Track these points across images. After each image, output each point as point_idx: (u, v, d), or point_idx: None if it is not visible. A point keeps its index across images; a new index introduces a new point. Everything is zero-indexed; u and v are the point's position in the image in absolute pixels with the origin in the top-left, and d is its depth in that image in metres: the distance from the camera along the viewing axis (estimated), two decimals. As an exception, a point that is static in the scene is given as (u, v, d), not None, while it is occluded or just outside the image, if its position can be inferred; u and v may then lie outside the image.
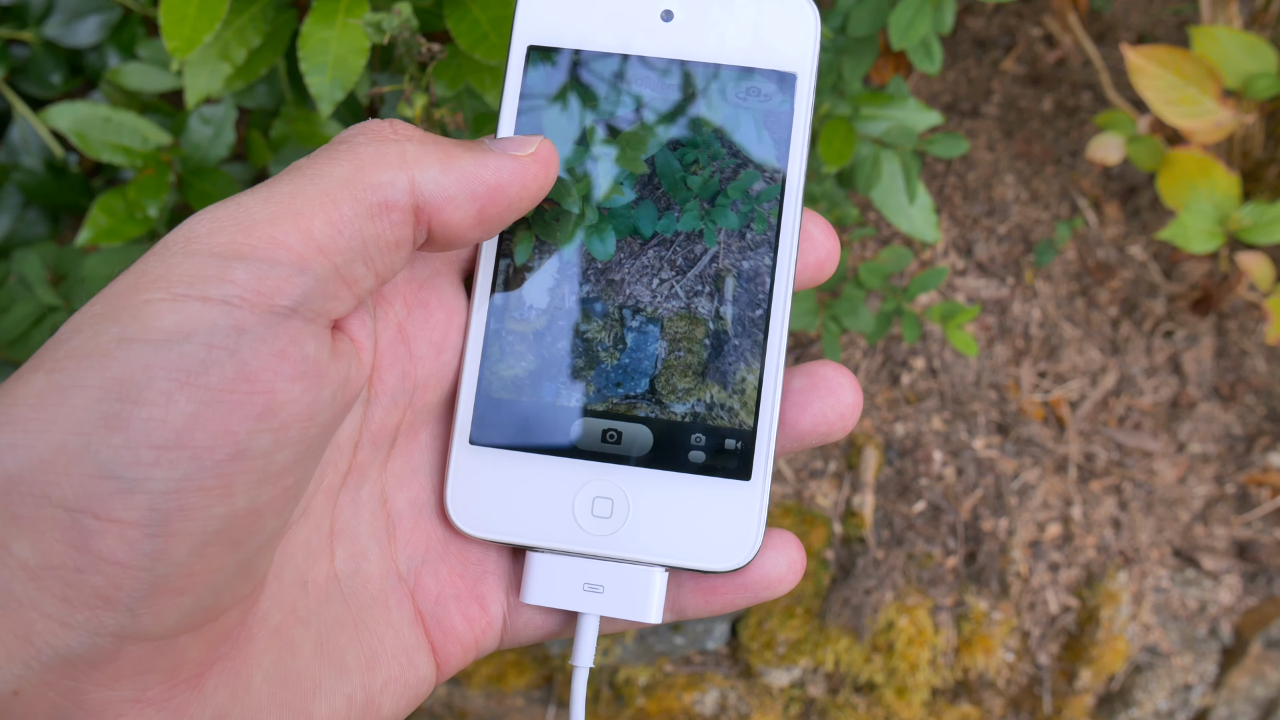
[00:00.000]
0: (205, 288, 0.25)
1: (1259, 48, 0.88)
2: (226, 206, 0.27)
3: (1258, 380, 1.09)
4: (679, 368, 0.35)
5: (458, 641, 0.34)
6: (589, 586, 0.35)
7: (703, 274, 0.35)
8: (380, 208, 0.28)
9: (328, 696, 0.31)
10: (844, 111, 0.70)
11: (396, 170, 0.28)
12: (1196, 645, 1.04)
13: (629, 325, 0.35)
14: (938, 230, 0.76)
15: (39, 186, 0.88)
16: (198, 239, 0.26)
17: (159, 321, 0.25)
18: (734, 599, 0.35)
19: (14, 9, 0.89)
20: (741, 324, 0.35)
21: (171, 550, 0.25)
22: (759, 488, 0.35)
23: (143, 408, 0.24)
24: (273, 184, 0.28)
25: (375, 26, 0.58)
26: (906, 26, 0.65)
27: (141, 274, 0.26)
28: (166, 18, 0.57)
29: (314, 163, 0.28)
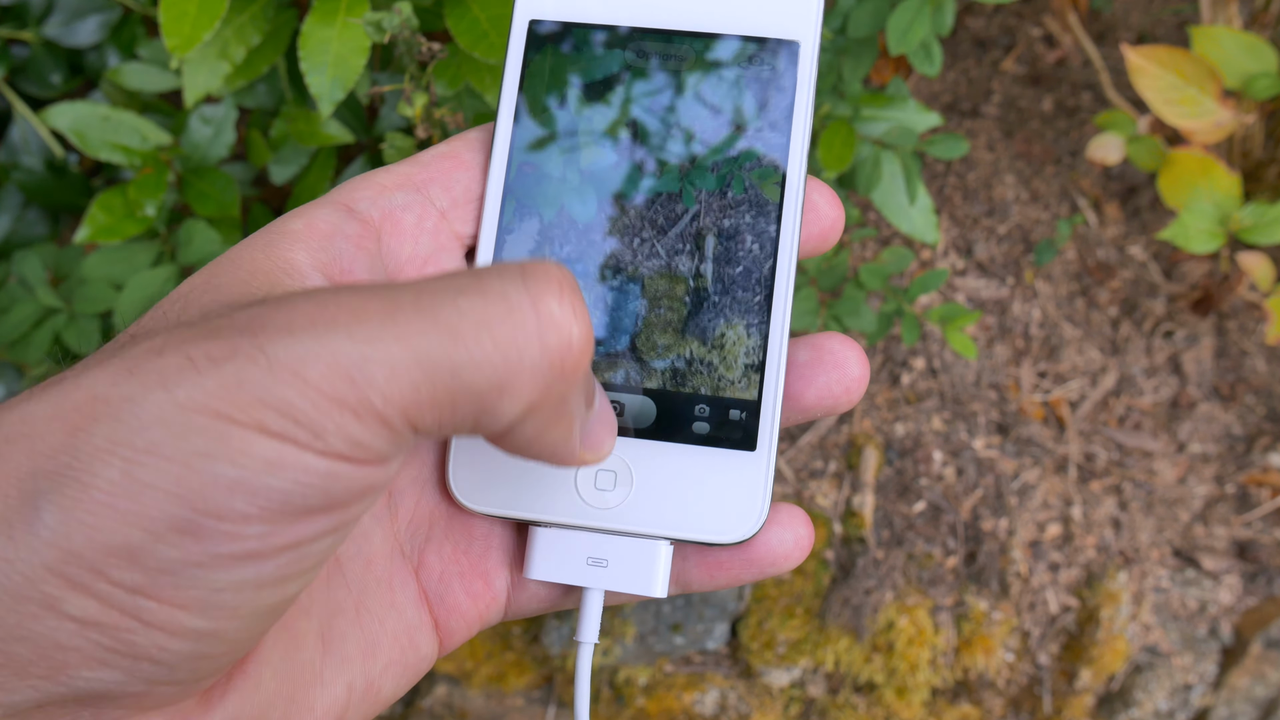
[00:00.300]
0: (301, 436, 0.24)
1: (1259, 48, 0.88)
2: (349, 348, 0.24)
3: (1258, 380, 1.09)
4: (682, 339, 0.35)
5: (462, 618, 0.34)
6: (593, 561, 0.34)
7: (702, 244, 0.35)
8: (484, 422, 0.26)
9: (329, 686, 0.31)
10: (844, 113, 0.69)
11: (525, 404, 0.26)
12: (1196, 645, 1.04)
13: (628, 298, 0.35)
14: (938, 231, 0.76)
15: (39, 186, 0.88)
16: (308, 373, 0.24)
17: (251, 449, 0.24)
18: (740, 574, 0.35)
19: (14, 9, 0.89)
20: (745, 296, 0.35)
21: (221, 629, 0.25)
22: (764, 458, 0.34)
23: (220, 523, 0.24)
24: (415, 343, 0.25)
25: (376, 26, 0.58)
26: (905, 30, 0.65)
27: (237, 388, 0.24)
28: (166, 15, 0.57)
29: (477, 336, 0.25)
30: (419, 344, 0.24)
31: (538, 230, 0.36)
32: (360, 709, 0.32)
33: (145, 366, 0.24)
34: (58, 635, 0.24)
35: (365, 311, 0.24)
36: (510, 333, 0.25)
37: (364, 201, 0.33)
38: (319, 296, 0.25)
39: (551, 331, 0.25)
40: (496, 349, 0.25)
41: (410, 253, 0.34)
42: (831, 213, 0.36)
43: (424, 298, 0.25)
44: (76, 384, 0.25)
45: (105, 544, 0.23)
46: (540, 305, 0.25)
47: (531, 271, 0.26)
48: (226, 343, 0.24)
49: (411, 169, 0.35)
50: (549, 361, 0.25)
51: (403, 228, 0.34)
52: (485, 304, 0.25)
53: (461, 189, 0.36)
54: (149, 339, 0.26)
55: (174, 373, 0.24)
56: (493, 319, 0.25)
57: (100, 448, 0.24)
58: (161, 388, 0.24)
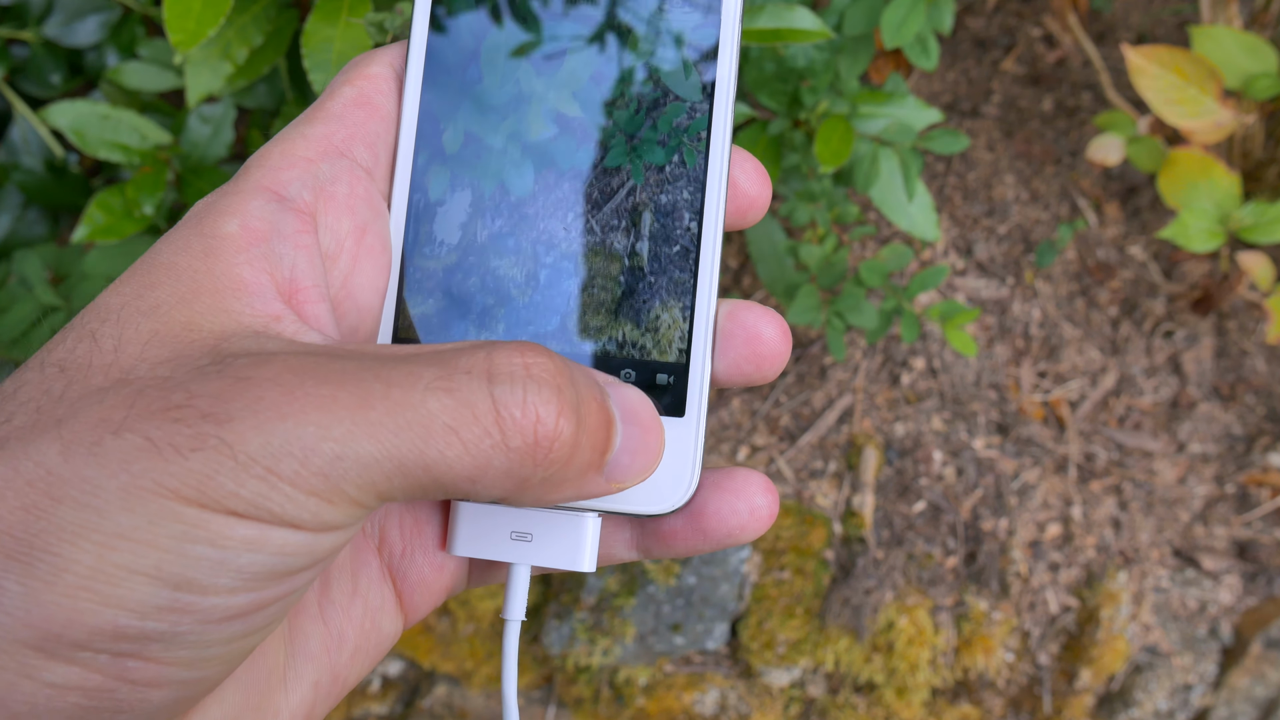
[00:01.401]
0: (276, 519, 0.24)
1: (1259, 48, 0.88)
2: (321, 446, 0.25)
3: (1258, 380, 1.09)
4: (605, 303, 0.33)
5: (427, 590, 0.34)
6: (516, 535, 0.33)
7: (626, 208, 0.34)
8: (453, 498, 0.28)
9: (294, 687, 0.31)
10: (842, 110, 0.69)
11: (499, 492, 0.27)
12: (1196, 645, 1.04)
13: (547, 260, 0.34)
14: (938, 229, 0.76)
15: (39, 186, 0.88)
16: (279, 468, 0.24)
17: (229, 531, 0.24)
18: (694, 544, 0.33)
19: (14, 9, 0.89)
20: (669, 258, 0.33)
21: (206, 676, 0.26)
22: (693, 424, 0.33)
23: (205, 598, 0.24)
24: (385, 439, 0.25)
25: (378, 26, 0.58)
26: (899, 25, 0.64)
27: (207, 479, 0.24)
28: (170, 11, 0.57)
29: (445, 439, 0.26)
30: (392, 443, 0.25)
31: (445, 192, 0.34)
32: (327, 702, 0.32)
33: (104, 446, 0.24)
34: (35, 700, 0.24)
35: (336, 405, 0.25)
36: (477, 438, 0.26)
37: (294, 184, 0.32)
38: (284, 380, 0.25)
39: (515, 435, 0.26)
40: (465, 451, 0.26)
41: (349, 226, 0.33)
42: (754, 185, 0.34)
43: (394, 392, 0.25)
44: (23, 452, 0.24)
45: (89, 625, 0.23)
46: (503, 411, 0.26)
47: (497, 370, 0.26)
48: (191, 430, 0.24)
49: (328, 128, 0.33)
50: (516, 461, 0.26)
51: (337, 201, 0.32)
52: (454, 406, 0.26)
53: (382, 144, 0.34)
54: (98, 400, 0.25)
55: (136, 456, 0.24)
56: (460, 423, 0.25)
57: (66, 530, 0.23)
58: (124, 471, 0.24)
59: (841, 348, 0.81)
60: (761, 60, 0.72)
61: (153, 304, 0.28)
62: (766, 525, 0.33)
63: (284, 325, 0.29)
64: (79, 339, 0.27)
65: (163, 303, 0.28)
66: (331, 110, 0.33)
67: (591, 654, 1.00)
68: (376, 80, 0.34)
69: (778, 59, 0.72)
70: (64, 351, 0.27)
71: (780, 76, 0.72)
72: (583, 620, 1.00)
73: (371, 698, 1.06)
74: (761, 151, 0.72)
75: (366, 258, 0.33)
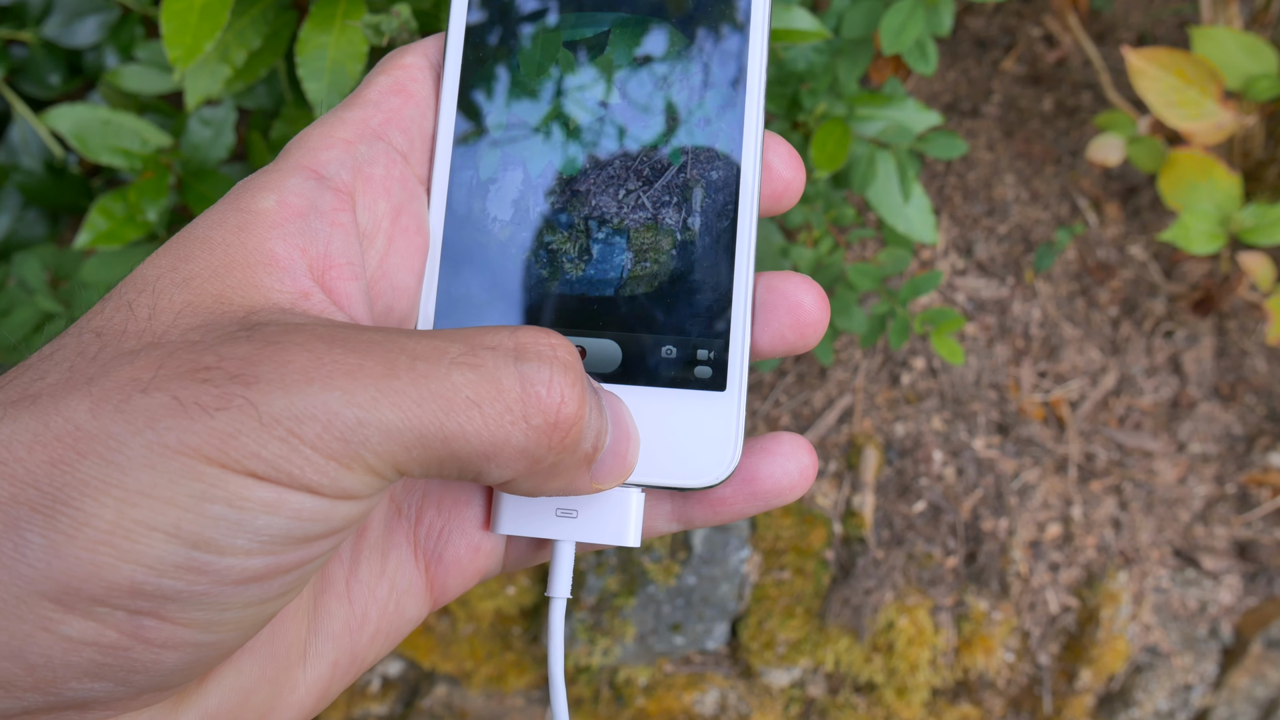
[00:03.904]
0: (295, 481, 0.25)
1: (1259, 48, 0.88)
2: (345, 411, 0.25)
3: (1258, 380, 1.09)
4: (645, 279, 0.34)
5: (460, 573, 0.34)
6: (562, 511, 0.34)
7: (668, 186, 0.34)
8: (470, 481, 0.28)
9: (314, 664, 0.31)
10: (839, 112, 0.69)
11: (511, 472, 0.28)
12: (1197, 645, 1.04)
13: (593, 238, 0.34)
14: (936, 231, 0.76)
15: (39, 187, 0.88)
16: (303, 430, 0.25)
17: (248, 493, 0.24)
18: (743, 508, 0.34)
19: (13, 9, 0.89)
20: (708, 235, 0.34)
21: (221, 640, 0.26)
22: (734, 398, 0.33)
23: (222, 558, 0.24)
24: (410, 410, 0.26)
25: (374, 29, 0.58)
26: (898, 31, 0.64)
27: (231, 438, 0.24)
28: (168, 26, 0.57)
29: (468, 413, 0.26)
30: (414, 413, 0.25)
31: (487, 172, 0.35)
32: (343, 681, 0.32)
33: (131, 404, 0.24)
34: (51, 653, 0.24)
35: (361, 373, 0.25)
36: (499, 413, 0.26)
37: (332, 164, 0.32)
38: (313, 347, 0.26)
39: (537, 414, 0.27)
40: (485, 425, 0.26)
41: (385, 207, 0.33)
42: (787, 170, 0.35)
43: (419, 364, 0.26)
44: (54, 408, 0.25)
45: (107, 580, 0.24)
46: (529, 389, 0.27)
47: (524, 350, 0.27)
48: (218, 390, 0.24)
49: (365, 112, 0.34)
50: (534, 440, 0.27)
51: (374, 183, 0.33)
52: (478, 381, 0.26)
53: (417, 129, 0.35)
54: (129, 361, 0.26)
55: (162, 414, 0.24)
56: (484, 397, 0.26)
57: (89, 485, 0.24)
58: (150, 429, 0.24)
59: (829, 352, 0.81)
60: (760, 63, 0.72)
61: (186, 276, 0.29)
62: (810, 484, 0.34)
63: (312, 303, 0.30)
64: (116, 308, 0.28)
65: (196, 274, 0.29)
66: (368, 97, 0.34)
67: (591, 654, 1.00)
68: (411, 69, 0.35)
69: (778, 63, 0.72)
70: (101, 320, 0.28)
71: (780, 80, 0.72)
72: (583, 620, 1.00)
73: (371, 698, 1.06)
74: (760, 154, 0.72)
75: (402, 238, 0.33)
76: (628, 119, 0.35)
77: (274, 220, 0.30)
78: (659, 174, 0.34)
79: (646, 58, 0.35)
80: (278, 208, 0.31)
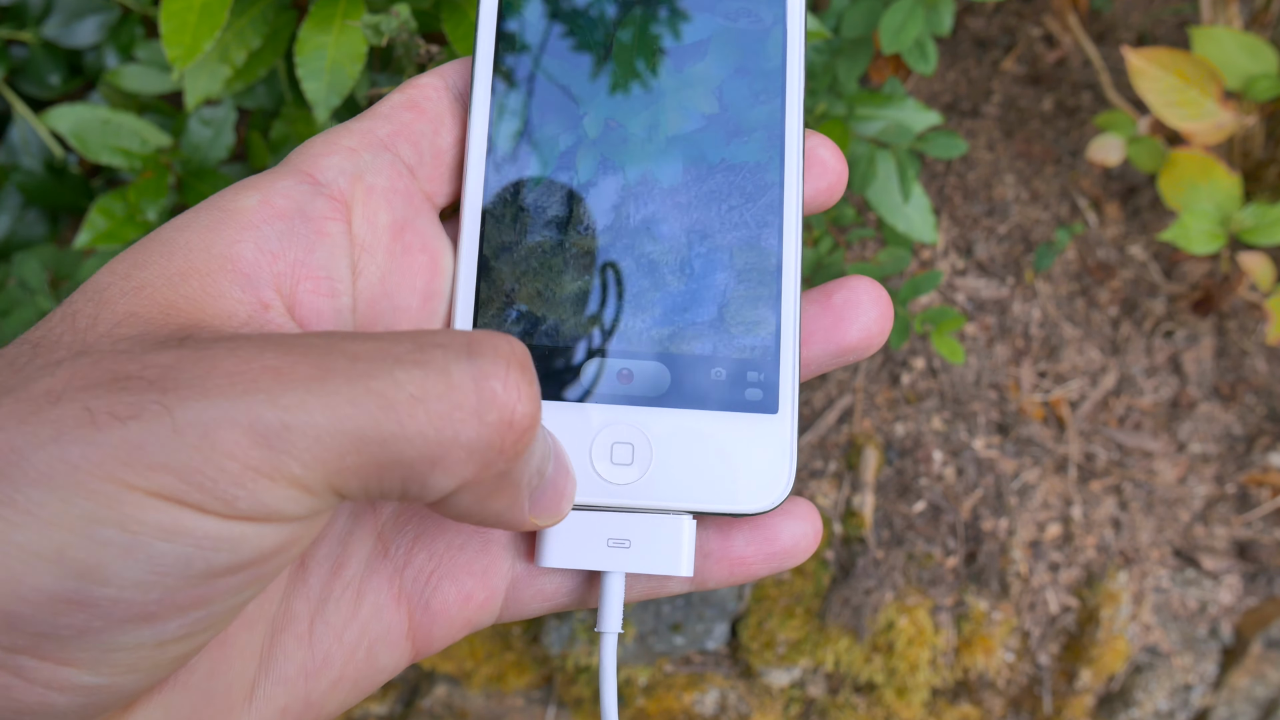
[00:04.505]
0: (204, 502, 0.22)
1: (1259, 49, 0.88)
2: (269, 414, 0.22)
3: (1258, 380, 1.09)
4: (692, 299, 0.33)
5: (447, 623, 0.32)
6: (614, 542, 0.32)
7: (708, 199, 0.33)
8: (416, 494, 0.25)
9: (260, 707, 0.29)
10: (839, 112, 0.69)
11: (457, 480, 0.25)
12: (1197, 645, 1.04)
13: (638, 256, 0.33)
14: (936, 231, 0.76)
15: (39, 187, 0.88)
16: (219, 437, 0.22)
17: (143, 515, 0.22)
18: (759, 568, 0.33)
19: (13, 9, 0.89)
20: (753, 250, 0.33)
21: (116, 683, 0.23)
22: (787, 420, 0.32)
23: (107, 589, 0.22)
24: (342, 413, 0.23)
25: (374, 29, 0.58)
26: (897, 30, 0.64)
27: (137, 448, 0.22)
28: (167, 26, 0.57)
29: (410, 410, 0.23)
30: (347, 414, 0.23)
31: (525, 189, 0.33)
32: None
33: (40, 416, 0.22)
34: None
35: (291, 375, 0.23)
36: (447, 409, 0.23)
37: (331, 169, 0.30)
38: (242, 350, 0.23)
39: (492, 409, 0.24)
40: (431, 423, 0.23)
41: (388, 220, 0.31)
42: (835, 164, 0.34)
43: (359, 365, 0.23)
44: None
45: None
46: (483, 382, 0.24)
47: (478, 346, 0.24)
48: (133, 398, 0.22)
49: (373, 124, 0.32)
50: (486, 439, 0.24)
51: (376, 194, 0.31)
52: (424, 377, 0.23)
53: (428, 144, 0.32)
54: (50, 371, 0.23)
55: (70, 426, 0.22)
56: (430, 393, 0.23)
57: None
58: (54, 442, 0.22)
59: None
60: (760, 62, 0.72)
61: (138, 284, 0.27)
62: (818, 544, 0.33)
63: (270, 315, 0.28)
64: (61, 318, 0.26)
65: (149, 282, 0.27)
66: (379, 111, 0.32)
67: (592, 654, 1.00)
68: (426, 89, 0.33)
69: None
70: (43, 330, 0.26)
71: (779, 79, 0.71)
72: (583, 620, 1.00)
73: (371, 698, 1.06)
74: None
75: (405, 256, 0.31)
76: (671, 129, 0.33)
77: (250, 220, 0.28)
78: (702, 187, 0.33)
79: (683, 64, 0.34)
80: (258, 207, 0.29)
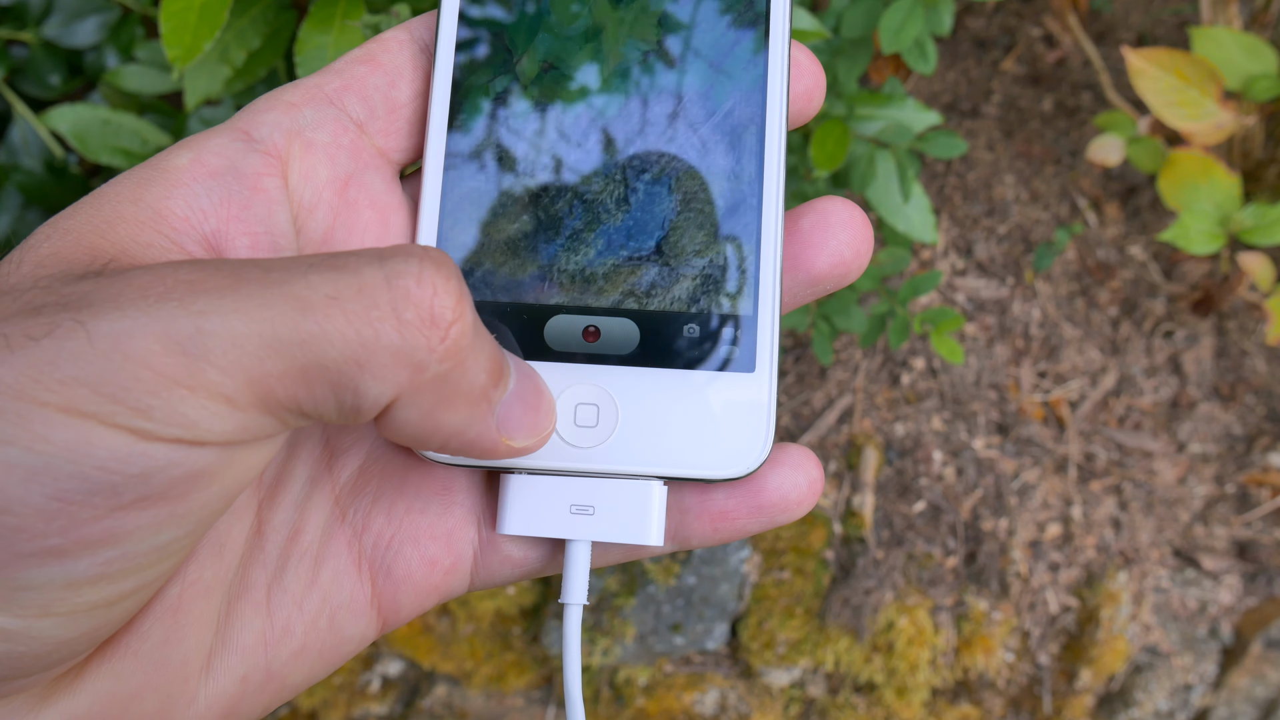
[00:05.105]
0: (118, 414, 0.21)
1: (1259, 49, 0.88)
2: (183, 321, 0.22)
3: (1258, 380, 1.09)
4: (664, 253, 0.30)
5: (413, 590, 0.30)
6: (577, 508, 0.30)
7: (684, 149, 0.31)
8: (351, 407, 0.24)
9: (217, 678, 0.28)
10: (839, 112, 0.69)
11: (392, 385, 0.24)
12: (1196, 645, 1.04)
13: (599, 204, 0.31)
14: (936, 231, 0.76)
15: (39, 188, 0.88)
16: (132, 346, 0.21)
17: (50, 433, 0.21)
18: (746, 524, 0.31)
19: (13, 9, 0.89)
20: (730, 204, 0.30)
21: (33, 628, 0.22)
22: (765, 380, 0.30)
23: (10, 517, 0.21)
24: (257, 318, 0.22)
25: (374, 29, 0.58)
26: (897, 30, 0.64)
27: (50, 363, 0.21)
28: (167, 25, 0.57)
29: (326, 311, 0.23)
30: (263, 315, 0.22)
31: (489, 142, 0.31)
32: (257, 700, 0.29)
33: None
34: None
35: (204, 284, 0.22)
36: (363, 308, 0.23)
37: (266, 125, 0.29)
38: (157, 269, 0.23)
39: (408, 306, 0.23)
40: (349, 323, 0.23)
41: (328, 175, 0.30)
42: (812, 68, 0.32)
43: (273, 273, 0.23)
44: None
45: None
46: (396, 281, 0.23)
47: (390, 251, 0.24)
48: (47, 319, 0.21)
49: (323, 78, 0.30)
50: (410, 339, 0.23)
51: (315, 148, 0.29)
52: (338, 278, 0.23)
53: (381, 96, 0.31)
54: None
55: None
56: (344, 293, 0.23)
57: None
58: None
59: (829, 352, 0.81)
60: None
61: (64, 230, 0.26)
62: (817, 499, 0.31)
63: None
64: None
65: (74, 229, 0.26)
66: (333, 67, 0.31)
67: (591, 654, 1.00)
68: (388, 42, 0.32)
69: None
70: None
71: (778, 79, 0.71)
72: (582, 620, 1.00)
73: (371, 698, 1.06)
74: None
75: (350, 212, 0.30)
76: (644, 74, 0.31)
77: (181, 179, 0.28)
78: (675, 137, 0.31)
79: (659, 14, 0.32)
80: (191, 165, 0.28)
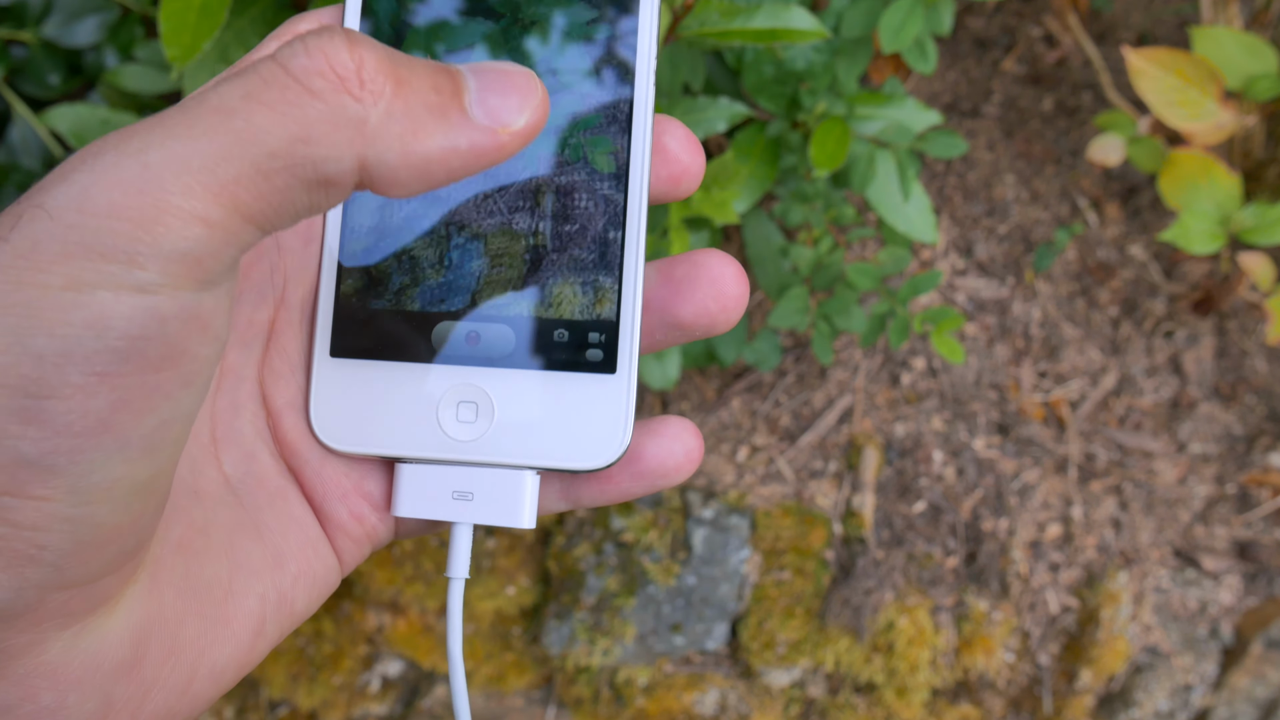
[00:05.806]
0: (116, 274, 0.23)
1: (1260, 48, 0.88)
2: (126, 163, 0.23)
3: (1258, 380, 1.09)
4: (536, 263, 0.34)
5: (349, 537, 0.34)
6: (458, 494, 0.34)
7: (556, 166, 0.34)
8: (320, 183, 0.25)
9: (240, 598, 0.30)
10: (839, 111, 0.69)
11: (346, 148, 0.25)
12: (1197, 645, 1.04)
13: (482, 220, 0.34)
14: (936, 230, 0.76)
15: (38, 187, 0.88)
16: (92, 204, 0.23)
17: (66, 314, 0.22)
18: (629, 488, 0.34)
19: (13, 9, 0.89)
20: (598, 219, 0.34)
21: (95, 513, 0.24)
22: (625, 381, 0.33)
23: (59, 401, 0.23)
24: (189, 136, 0.24)
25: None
26: (897, 29, 0.64)
27: (31, 250, 0.22)
28: (167, 25, 0.57)
29: (247, 108, 0.24)
30: (195, 132, 0.23)
31: None
32: (276, 621, 0.32)
33: None
34: None
35: (133, 130, 0.24)
36: (277, 95, 0.24)
37: None
38: (90, 145, 0.24)
39: (313, 78, 0.24)
40: (273, 112, 0.24)
41: None
42: (685, 152, 0.34)
43: (187, 103, 0.24)
44: None
45: None
46: (290, 64, 0.25)
47: (281, 47, 0.25)
48: (12, 215, 0.23)
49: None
50: (333, 104, 0.24)
51: None
52: (243, 81, 0.24)
53: None
54: None
55: None
56: (254, 89, 0.24)
57: None
58: None
59: (829, 352, 0.81)
60: (761, 63, 0.72)
61: None
62: (696, 466, 0.34)
63: None
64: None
65: None
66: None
67: (591, 654, 1.00)
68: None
69: (777, 62, 0.72)
70: None
71: (779, 79, 0.72)
72: (582, 620, 1.00)
73: (371, 698, 1.06)
74: (759, 153, 0.72)
75: None
76: None
77: None
78: (547, 156, 0.34)
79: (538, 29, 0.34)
80: None
